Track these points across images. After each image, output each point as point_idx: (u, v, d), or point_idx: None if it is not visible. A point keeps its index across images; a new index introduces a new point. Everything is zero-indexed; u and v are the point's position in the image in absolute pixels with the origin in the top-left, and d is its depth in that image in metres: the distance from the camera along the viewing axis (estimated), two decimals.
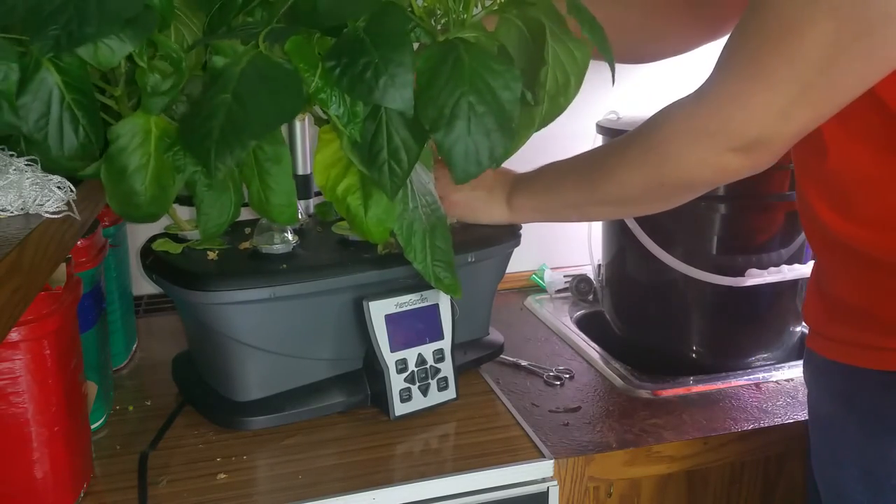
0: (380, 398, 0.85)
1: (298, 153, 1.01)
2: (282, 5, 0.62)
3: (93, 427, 0.82)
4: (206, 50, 0.67)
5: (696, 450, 0.85)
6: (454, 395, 0.88)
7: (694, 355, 1.07)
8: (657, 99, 0.73)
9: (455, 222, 0.91)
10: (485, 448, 0.81)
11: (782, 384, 0.98)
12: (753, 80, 0.61)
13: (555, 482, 0.80)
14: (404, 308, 0.84)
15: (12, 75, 0.55)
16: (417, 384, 0.85)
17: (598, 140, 1.08)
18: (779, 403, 0.93)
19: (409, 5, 0.66)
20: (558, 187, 0.82)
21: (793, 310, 1.06)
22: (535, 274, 1.33)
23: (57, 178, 0.55)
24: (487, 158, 0.61)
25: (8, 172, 0.53)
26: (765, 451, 0.89)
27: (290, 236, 0.83)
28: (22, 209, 0.51)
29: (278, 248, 0.82)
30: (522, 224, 0.93)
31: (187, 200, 0.75)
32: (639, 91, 1.23)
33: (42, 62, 0.56)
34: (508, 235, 0.92)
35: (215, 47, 0.63)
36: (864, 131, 0.62)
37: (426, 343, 0.86)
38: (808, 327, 0.75)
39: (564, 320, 1.18)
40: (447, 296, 0.86)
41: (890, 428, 0.63)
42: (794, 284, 1.03)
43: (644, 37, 0.92)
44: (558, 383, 0.97)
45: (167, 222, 0.86)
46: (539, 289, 1.32)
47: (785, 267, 1.00)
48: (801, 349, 1.02)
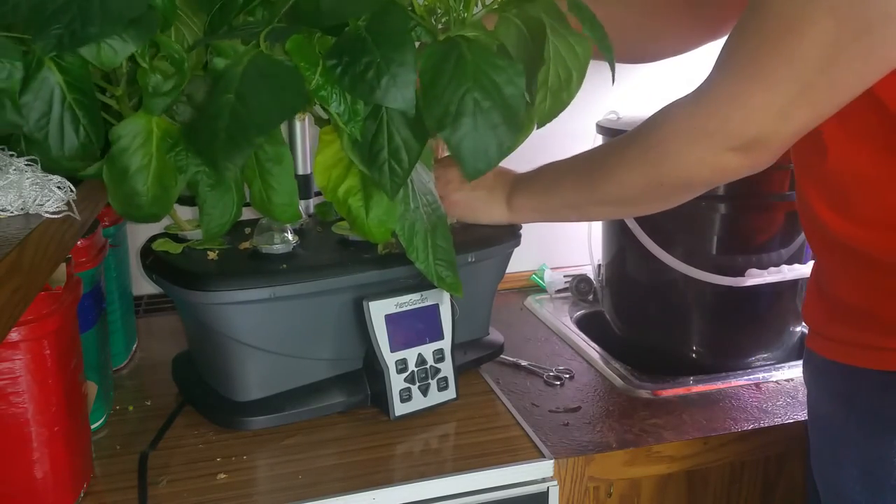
0: (380, 398, 0.85)
1: (299, 153, 1.01)
2: (283, 5, 0.62)
3: (93, 427, 0.82)
4: (207, 50, 0.67)
5: (696, 450, 0.85)
6: (454, 395, 0.88)
7: (694, 355, 1.07)
8: (657, 99, 0.73)
9: (455, 222, 0.91)
10: (485, 448, 0.81)
11: (782, 384, 0.98)
12: (752, 80, 0.61)
13: (555, 482, 0.80)
14: (404, 308, 0.84)
15: (16, 74, 0.55)
16: (417, 384, 0.85)
17: (598, 140, 1.08)
18: (779, 403, 0.93)
19: (410, 4, 0.66)
20: (558, 187, 0.82)
21: (793, 310, 1.06)
22: (535, 274, 1.33)
23: (57, 178, 0.55)
24: (496, 153, 0.61)
25: (8, 172, 0.53)
26: (765, 451, 0.89)
27: (290, 236, 0.83)
28: (22, 209, 0.51)
29: (278, 248, 0.82)
30: (522, 224, 0.93)
31: (189, 200, 0.76)
32: (639, 91, 1.23)
33: (44, 62, 0.56)
34: (508, 235, 0.93)
35: (216, 48, 0.63)
36: (863, 131, 0.62)
37: (426, 343, 0.86)
38: (808, 327, 0.75)
39: (564, 320, 1.18)
40: (447, 296, 0.86)
41: (889, 428, 0.63)
42: (794, 284, 1.03)
43: (644, 36, 0.92)
44: (558, 383, 0.97)
45: (167, 222, 0.86)
46: (539, 289, 1.32)
47: (785, 267, 1.00)
48: (801, 349, 1.02)
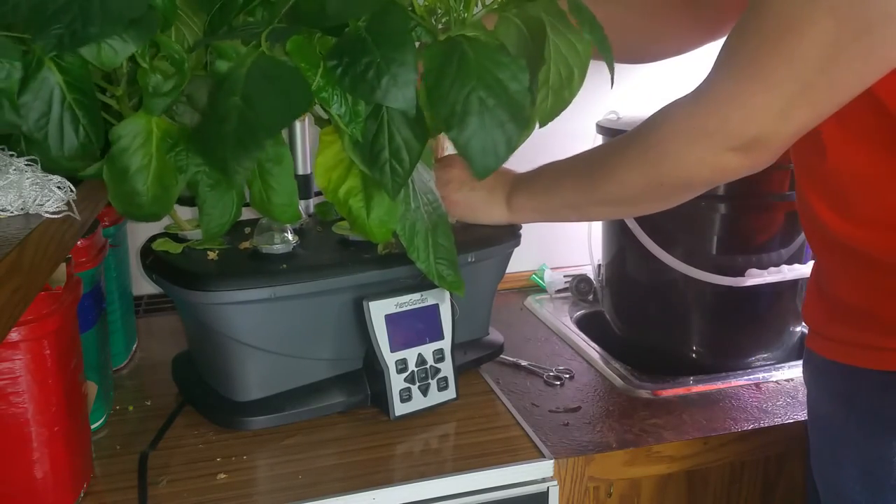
0: (380, 398, 0.85)
1: (298, 153, 1.01)
2: (283, 5, 0.62)
3: (93, 427, 0.82)
4: (207, 50, 0.67)
5: (696, 450, 0.85)
6: (454, 395, 0.88)
7: (694, 355, 1.07)
8: (657, 99, 0.73)
9: (455, 222, 0.91)
10: (485, 448, 0.81)
11: (782, 384, 0.98)
12: (752, 80, 0.61)
13: (555, 482, 0.80)
14: (404, 308, 0.84)
15: (15, 73, 0.55)
16: (417, 384, 0.85)
17: (598, 140, 1.08)
18: (779, 403, 0.93)
19: (410, 4, 0.66)
20: (557, 187, 0.82)
21: (793, 310, 1.06)
22: (535, 274, 1.33)
23: (57, 178, 0.55)
24: (504, 150, 0.61)
25: (8, 172, 0.53)
26: (765, 451, 0.89)
27: (291, 236, 0.83)
28: (22, 209, 0.51)
29: (278, 248, 0.82)
30: (522, 224, 0.93)
31: (189, 201, 0.75)
32: (639, 91, 1.23)
33: (44, 61, 0.56)
34: (508, 235, 0.93)
35: (217, 50, 0.63)
36: (863, 131, 0.62)
37: (426, 343, 0.86)
38: (808, 327, 0.75)
39: (564, 320, 1.18)
40: (447, 296, 0.86)
41: (889, 428, 0.63)
42: (794, 284, 1.03)
43: (644, 37, 0.92)
44: (558, 383, 0.97)
45: (167, 222, 0.86)
46: (539, 289, 1.32)
47: (785, 267, 1.00)
48: (801, 349, 1.01)
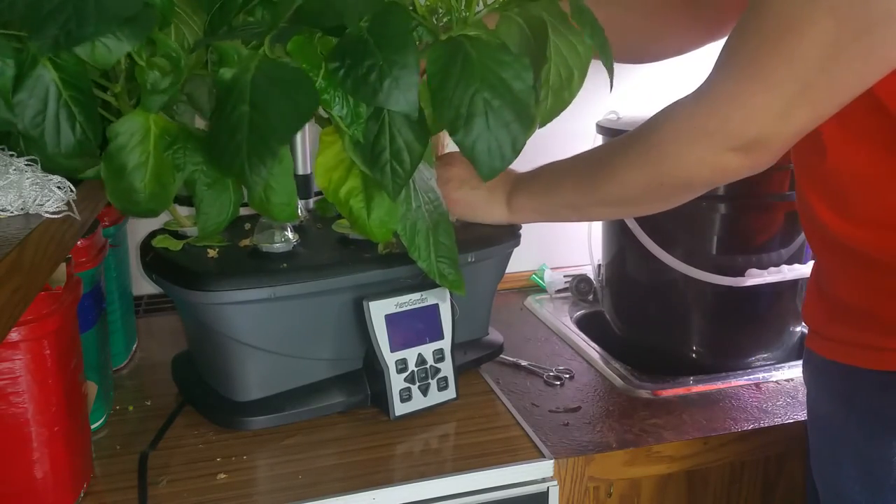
0: (380, 398, 0.85)
1: (298, 153, 1.01)
2: (285, 5, 0.62)
3: (93, 427, 0.82)
4: (208, 49, 0.67)
5: (696, 450, 0.85)
6: (454, 395, 0.88)
7: (694, 355, 1.07)
8: (657, 99, 0.73)
9: (455, 221, 0.91)
10: (485, 448, 0.81)
11: (782, 384, 0.98)
12: (752, 80, 0.61)
13: (555, 482, 0.80)
14: (404, 308, 0.84)
15: (7, 71, 0.55)
16: (417, 384, 0.85)
17: (598, 140, 1.08)
18: (779, 403, 0.93)
19: (412, 4, 0.65)
20: (558, 188, 0.82)
21: (793, 310, 1.06)
22: (535, 274, 1.33)
23: (57, 178, 0.55)
24: (510, 151, 0.61)
25: (8, 172, 0.53)
26: (765, 451, 0.89)
27: (291, 234, 0.83)
28: (22, 209, 0.51)
29: (279, 247, 0.82)
30: (522, 224, 0.93)
31: (187, 201, 0.75)
32: (639, 91, 1.23)
33: (38, 59, 0.56)
34: (508, 235, 0.92)
35: (219, 52, 0.63)
36: (863, 131, 0.62)
37: (426, 343, 0.86)
38: (808, 327, 0.75)
39: (564, 320, 1.18)
40: (447, 295, 0.86)
41: (889, 428, 0.63)
42: (794, 284, 1.03)
43: (644, 37, 0.92)
44: (558, 383, 0.97)
45: (167, 218, 0.86)
46: (539, 289, 1.32)
47: (785, 267, 1.00)
48: (801, 349, 1.01)
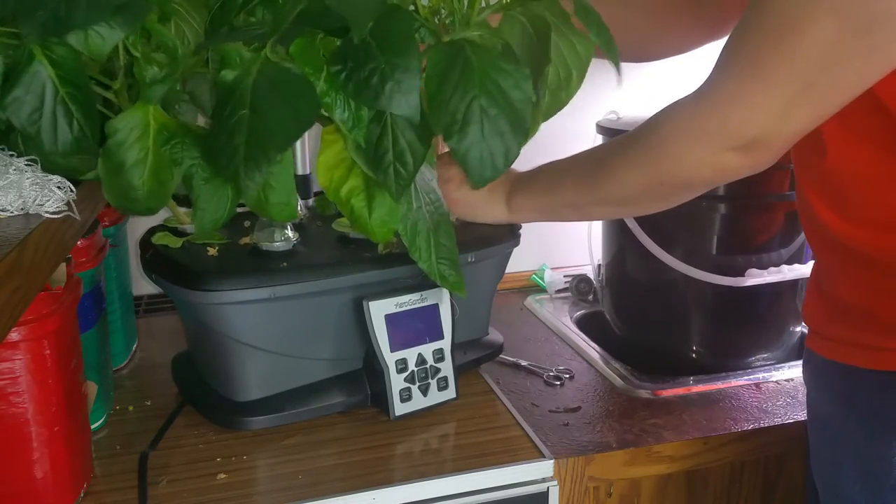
0: (380, 398, 0.85)
1: (298, 153, 1.01)
2: (286, 6, 0.61)
3: (93, 427, 0.82)
4: (209, 48, 0.67)
5: (696, 450, 0.85)
6: (454, 395, 0.88)
7: (694, 355, 1.07)
8: (657, 99, 0.73)
9: (455, 220, 0.91)
10: (485, 448, 0.81)
11: (782, 384, 0.98)
12: (753, 80, 0.60)
13: (555, 482, 0.80)
14: (404, 308, 0.84)
15: None
16: (417, 384, 0.85)
17: (598, 140, 1.08)
18: (779, 403, 0.93)
19: (413, 4, 0.65)
20: (558, 187, 0.82)
21: (793, 310, 1.06)
22: (535, 274, 1.33)
23: (57, 178, 0.55)
24: (503, 161, 0.60)
25: (8, 172, 0.53)
26: (765, 451, 0.89)
27: (291, 233, 0.83)
28: (22, 209, 0.51)
29: (279, 246, 0.82)
30: (522, 224, 0.93)
31: (186, 201, 0.75)
32: (639, 91, 1.23)
33: (35, 55, 0.55)
34: (508, 235, 0.92)
35: (220, 54, 0.63)
36: (863, 131, 0.62)
37: (426, 343, 0.86)
38: (808, 327, 0.75)
39: (564, 320, 1.18)
40: (447, 295, 0.86)
41: (889, 428, 0.63)
42: (794, 284, 1.03)
43: (646, 37, 0.92)
44: (558, 383, 0.97)
45: (167, 214, 0.86)
46: (539, 289, 1.32)
47: (785, 267, 1.00)
48: (801, 349, 1.01)
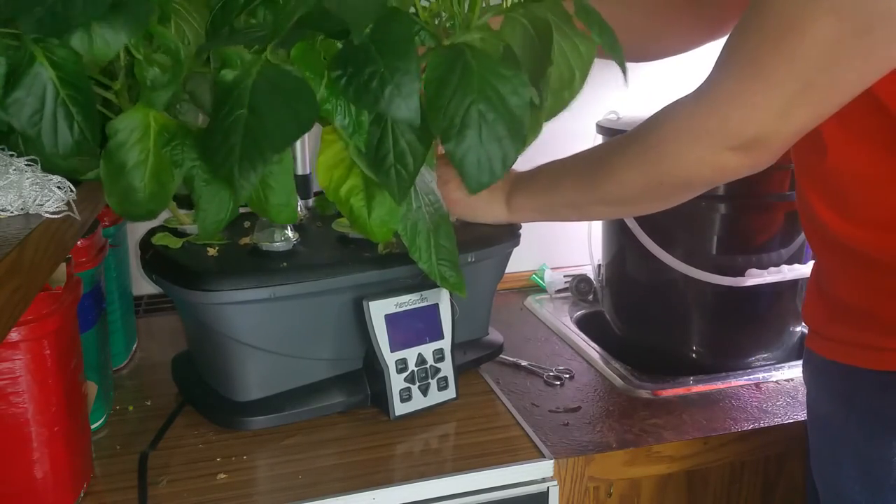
0: (380, 398, 0.85)
1: (298, 153, 1.01)
2: (287, 15, 0.61)
3: (93, 427, 0.82)
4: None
5: (696, 450, 0.85)
6: (454, 395, 0.88)
7: (694, 355, 1.07)
8: (657, 99, 0.73)
9: (455, 221, 0.91)
10: (485, 448, 0.81)
11: (782, 384, 0.98)
12: (753, 80, 0.60)
13: (555, 482, 0.80)
14: (404, 308, 0.84)
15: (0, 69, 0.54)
16: (417, 384, 0.85)
17: (598, 140, 1.08)
18: (779, 403, 0.93)
19: (413, 6, 0.65)
20: (557, 187, 0.82)
21: (793, 310, 1.06)
22: (535, 274, 1.33)
23: (57, 178, 0.55)
24: (500, 166, 0.60)
25: (8, 172, 0.53)
26: (765, 451, 0.89)
27: (291, 233, 0.83)
28: (22, 209, 0.51)
29: (278, 246, 0.82)
30: (522, 224, 0.93)
31: (186, 203, 0.75)
32: (639, 91, 1.23)
33: (36, 56, 0.55)
34: (508, 235, 0.92)
35: (220, 56, 0.63)
36: (864, 131, 0.62)
37: (426, 343, 0.86)
38: (808, 327, 0.75)
39: (564, 320, 1.18)
40: (447, 295, 0.86)
41: (889, 428, 0.63)
42: (794, 284, 1.03)
43: (645, 36, 0.92)
44: (558, 383, 0.97)
45: (167, 215, 0.86)
46: (539, 289, 1.32)
47: (785, 267, 1.00)
48: (801, 349, 1.01)
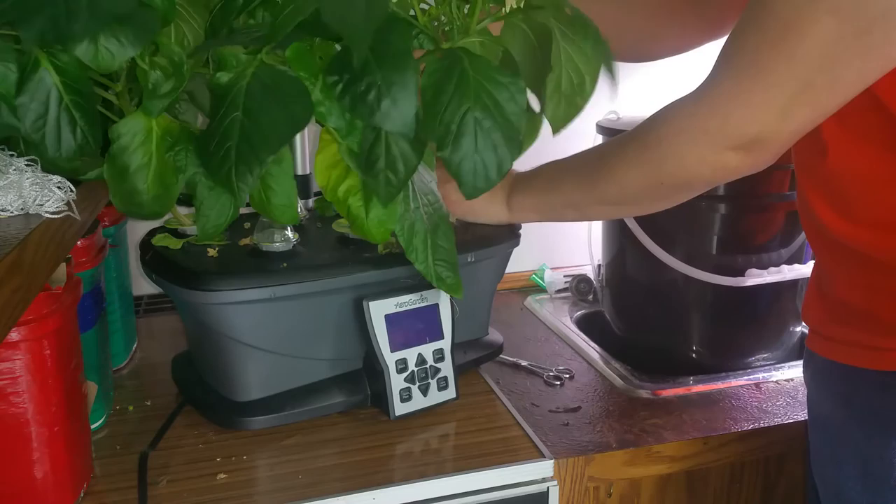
0: (380, 398, 0.85)
1: (298, 153, 1.01)
2: (285, 22, 0.61)
3: (93, 427, 0.82)
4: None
5: (696, 450, 0.85)
6: (454, 395, 0.88)
7: (694, 355, 1.07)
8: (657, 99, 0.73)
9: (455, 221, 0.91)
10: (485, 448, 0.81)
11: (782, 384, 0.98)
12: (753, 79, 0.60)
13: (555, 482, 0.80)
14: (404, 308, 0.84)
15: (10, 76, 0.54)
16: (417, 384, 0.85)
17: (598, 140, 1.08)
18: (779, 403, 0.93)
19: (413, 9, 0.65)
20: (557, 187, 0.82)
21: (793, 310, 1.06)
22: (535, 274, 1.33)
23: (57, 178, 0.55)
24: (496, 173, 0.60)
25: (8, 172, 0.53)
26: (765, 451, 0.89)
27: (291, 234, 0.83)
28: (22, 209, 0.51)
29: (279, 246, 0.82)
30: (522, 224, 0.93)
31: (186, 201, 0.75)
32: (639, 91, 1.23)
33: (40, 62, 0.55)
34: (508, 235, 0.93)
35: (218, 57, 0.63)
36: (864, 131, 0.62)
37: (426, 343, 0.86)
38: (808, 327, 0.75)
39: (564, 320, 1.18)
40: (447, 296, 0.86)
41: (889, 428, 0.63)
42: (794, 284, 1.03)
43: (645, 36, 0.92)
44: (558, 383, 0.97)
45: (167, 216, 0.86)
46: (539, 289, 1.32)
47: (785, 267, 1.00)
48: (801, 349, 1.02)
